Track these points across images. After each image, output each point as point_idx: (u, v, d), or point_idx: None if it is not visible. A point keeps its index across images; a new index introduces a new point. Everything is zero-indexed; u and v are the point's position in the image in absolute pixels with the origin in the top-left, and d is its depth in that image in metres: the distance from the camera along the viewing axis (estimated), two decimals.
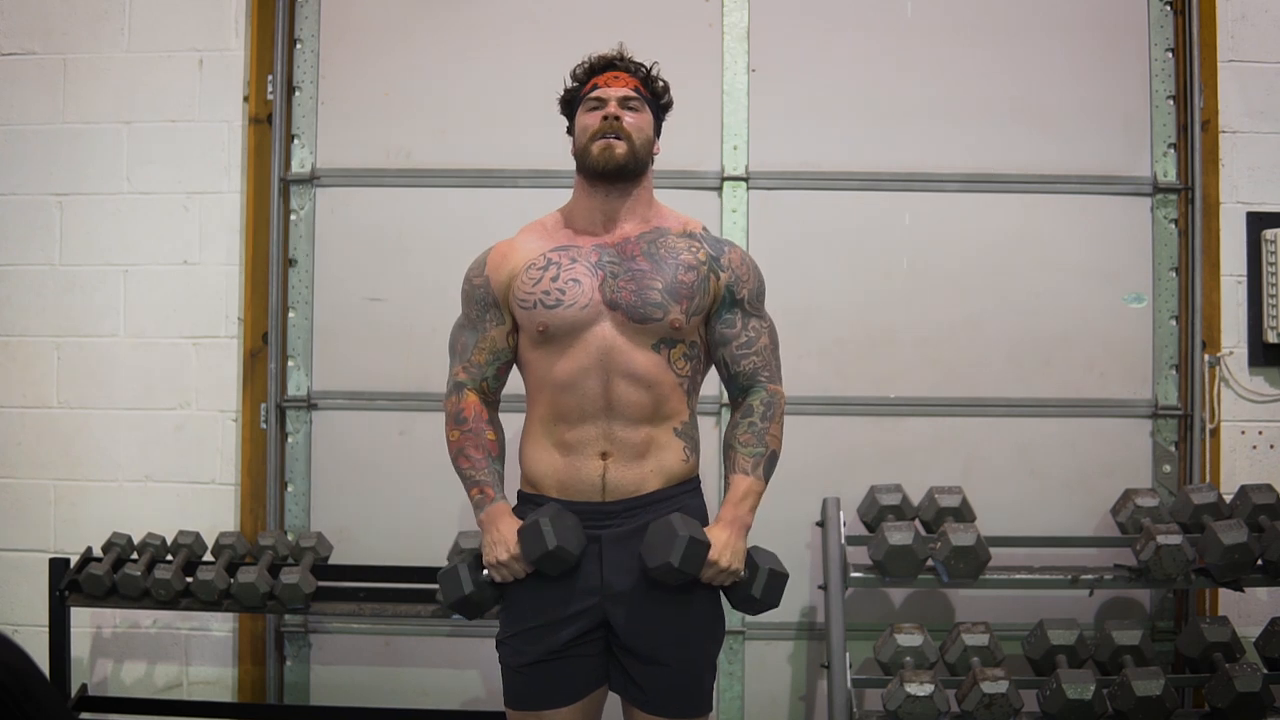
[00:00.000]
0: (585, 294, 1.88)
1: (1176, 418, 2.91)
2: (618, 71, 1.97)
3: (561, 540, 1.82)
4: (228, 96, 2.91)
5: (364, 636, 2.95)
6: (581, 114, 1.97)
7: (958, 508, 2.69)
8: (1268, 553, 2.50)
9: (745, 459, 1.94)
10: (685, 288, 1.90)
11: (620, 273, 1.90)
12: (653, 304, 1.88)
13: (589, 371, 1.87)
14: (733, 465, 1.95)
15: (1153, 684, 2.38)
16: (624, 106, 1.94)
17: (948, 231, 2.92)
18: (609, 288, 1.89)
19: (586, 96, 1.97)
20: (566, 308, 1.88)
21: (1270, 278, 2.83)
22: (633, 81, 1.97)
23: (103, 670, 2.95)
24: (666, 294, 1.88)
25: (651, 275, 1.90)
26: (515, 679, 1.91)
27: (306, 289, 2.98)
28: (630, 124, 1.92)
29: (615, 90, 1.94)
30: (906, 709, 2.40)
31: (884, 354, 2.92)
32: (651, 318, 1.87)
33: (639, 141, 1.93)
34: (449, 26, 2.98)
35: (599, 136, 1.91)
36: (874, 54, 2.94)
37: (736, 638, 2.88)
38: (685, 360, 1.93)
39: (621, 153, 1.90)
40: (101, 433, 2.93)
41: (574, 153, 1.98)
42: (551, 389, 1.90)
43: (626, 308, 1.88)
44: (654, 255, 1.92)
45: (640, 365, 1.88)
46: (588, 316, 1.88)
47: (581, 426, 1.88)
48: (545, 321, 1.89)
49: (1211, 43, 2.88)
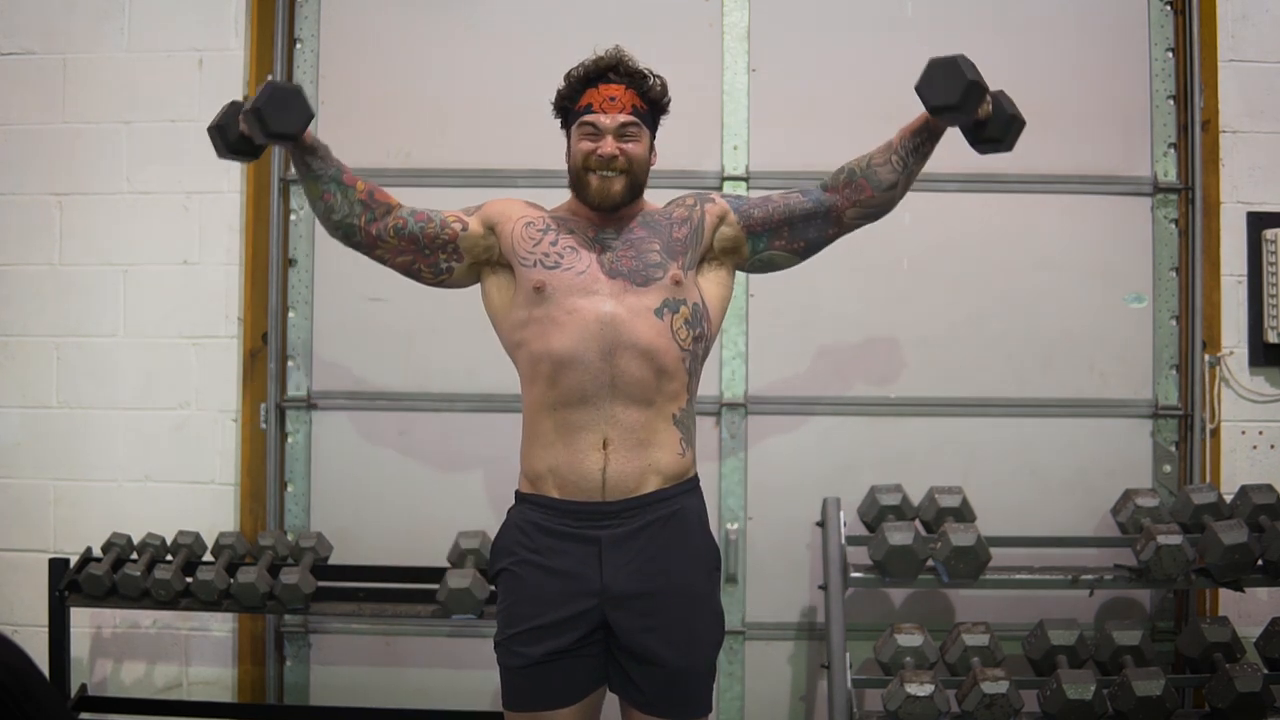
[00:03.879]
0: (583, 262, 1.92)
1: (1177, 418, 2.91)
2: (613, 87, 1.93)
3: (260, 102, 1.87)
4: (228, 96, 2.89)
5: (364, 636, 2.95)
6: (576, 136, 1.95)
7: (958, 508, 2.69)
8: (1268, 553, 2.50)
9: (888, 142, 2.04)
10: (680, 243, 1.95)
11: (619, 245, 1.93)
12: (653, 265, 1.91)
13: (589, 344, 1.86)
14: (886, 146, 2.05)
15: (1153, 684, 2.37)
16: (621, 137, 1.92)
17: (948, 231, 2.92)
18: (607, 260, 1.92)
19: (581, 118, 1.94)
20: (565, 270, 1.91)
21: (1270, 278, 2.83)
22: (629, 98, 1.93)
23: (103, 670, 2.95)
24: (664, 253, 1.93)
25: (649, 239, 1.94)
26: (514, 680, 1.91)
27: (306, 289, 2.98)
28: (628, 154, 1.92)
29: (611, 119, 1.91)
30: (907, 709, 2.40)
31: (884, 354, 2.92)
32: (653, 278, 1.90)
33: (637, 170, 1.94)
34: (449, 26, 2.98)
35: (595, 171, 1.92)
36: (874, 54, 2.94)
37: (736, 638, 2.88)
38: (687, 328, 1.92)
39: (619, 190, 1.93)
40: (101, 433, 2.93)
41: (568, 170, 1.98)
42: (550, 365, 1.88)
43: (628, 273, 1.90)
44: (650, 224, 1.97)
45: (643, 335, 1.88)
46: (585, 283, 1.90)
47: (582, 409, 1.87)
48: (544, 280, 1.90)
49: (1212, 42, 2.88)
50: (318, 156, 1.98)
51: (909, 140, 2.02)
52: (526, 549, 1.90)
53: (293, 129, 1.91)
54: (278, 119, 1.89)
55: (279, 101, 1.90)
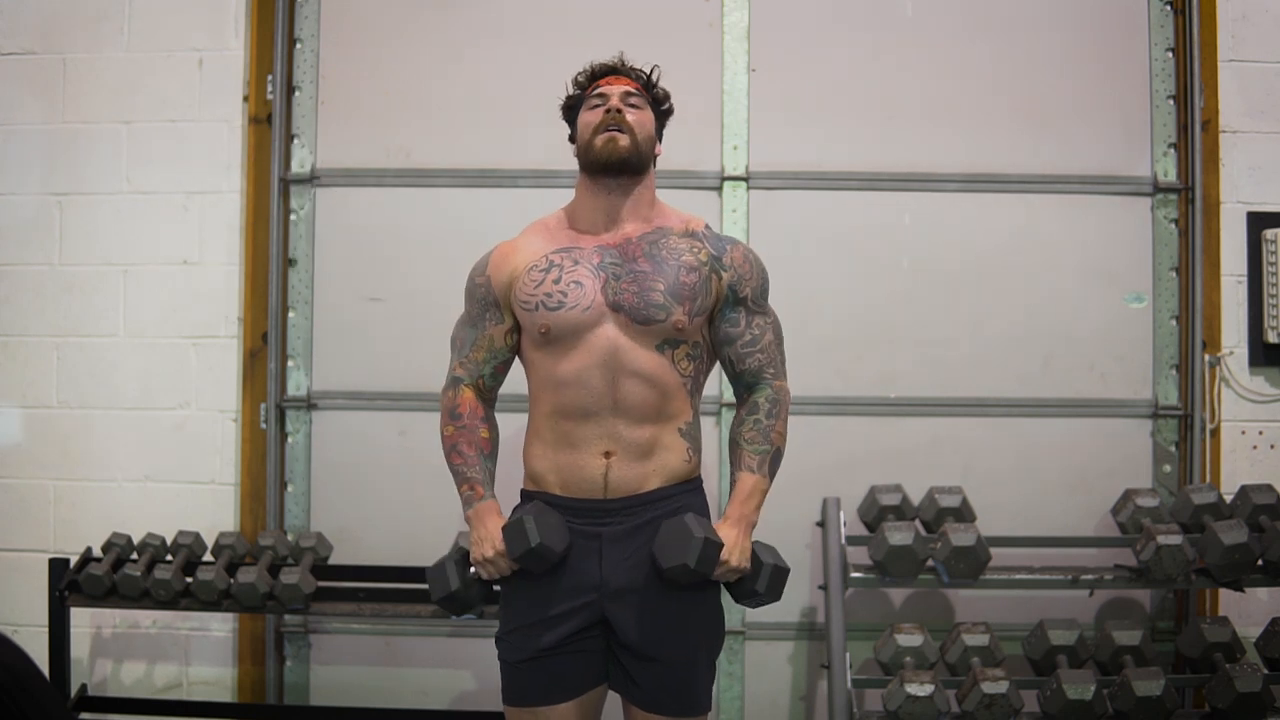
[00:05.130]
0: (588, 296, 1.89)
1: (1177, 418, 2.90)
2: (619, 78, 2.00)
3: (544, 538, 1.83)
4: (227, 96, 2.91)
5: (364, 636, 2.95)
6: (584, 112, 1.99)
7: (958, 508, 2.69)
8: (1268, 553, 2.50)
9: (751, 456, 1.95)
10: (687, 289, 1.90)
11: (623, 274, 1.90)
12: (655, 305, 1.88)
13: (593, 370, 1.87)
14: (739, 463, 1.95)
15: (1153, 684, 2.38)
16: (626, 103, 1.96)
17: (948, 231, 2.92)
18: (611, 289, 1.89)
19: (589, 96, 1.99)
20: (569, 309, 1.88)
21: (1270, 278, 2.83)
22: (634, 85, 2.00)
23: (102, 670, 2.94)
24: (669, 295, 1.89)
25: (653, 277, 1.90)
26: (513, 675, 1.92)
27: (306, 289, 2.98)
28: (633, 119, 1.95)
29: (617, 87, 1.97)
30: (907, 709, 2.40)
31: (884, 354, 2.92)
32: (654, 319, 1.88)
33: (641, 136, 1.94)
34: (449, 26, 2.98)
35: (602, 130, 1.92)
36: (874, 54, 2.94)
37: (737, 638, 2.88)
38: (689, 360, 1.93)
39: (625, 144, 1.92)
40: (101, 432, 2.93)
41: (577, 151, 1.99)
42: (555, 386, 1.90)
43: (629, 310, 1.88)
44: (655, 257, 1.92)
45: (645, 364, 1.88)
46: (590, 319, 1.88)
47: (586, 423, 1.88)
48: (547, 323, 1.89)
49: (1212, 42, 2.88)
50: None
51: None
52: None
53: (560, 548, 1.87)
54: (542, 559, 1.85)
55: (537, 558, 1.85)
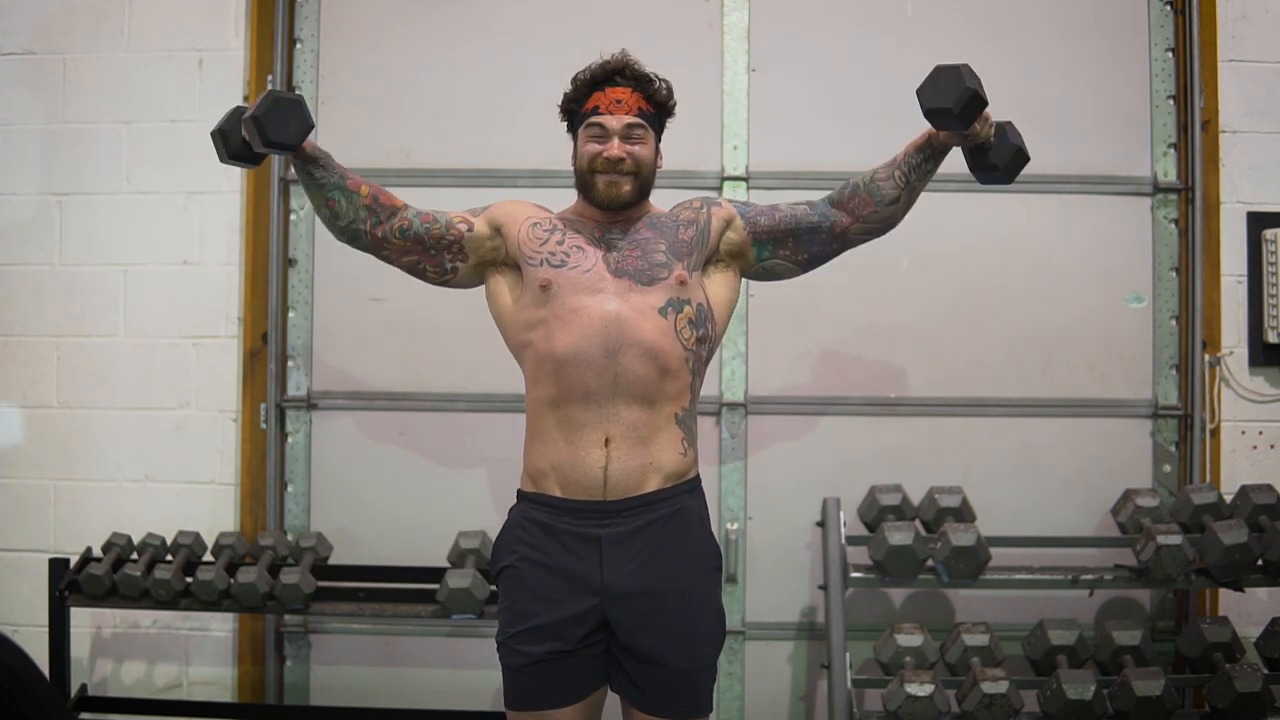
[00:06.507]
0: (589, 260, 1.93)
1: (1177, 418, 2.90)
2: (620, 89, 1.94)
3: (259, 111, 1.88)
4: (228, 96, 2.91)
5: (364, 636, 2.95)
6: (583, 138, 1.96)
7: (958, 508, 2.69)
8: (1268, 553, 2.50)
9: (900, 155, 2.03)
10: (685, 244, 1.97)
11: (624, 245, 1.95)
12: (658, 264, 1.93)
13: (593, 342, 1.87)
14: (905, 152, 2.03)
15: (1153, 684, 2.37)
16: (628, 139, 1.93)
17: (948, 231, 2.92)
18: (613, 259, 1.93)
19: (589, 119, 1.95)
20: (571, 269, 1.92)
21: (1270, 278, 2.83)
22: (635, 100, 1.94)
23: (102, 670, 2.94)
24: (670, 253, 1.94)
25: (655, 240, 1.96)
26: (516, 679, 1.91)
27: (306, 289, 2.98)
28: (636, 154, 1.94)
29: (618, 120, 1.93)
30: (907, 709, 2.40)
31: (884, 354, 2.92)
32: (658, 278, 1.92)
33: (645, 173, 1.96)
34: (449, 26, 2.98)
35: (603, 172, 1.93)
36: (874, 53, 2.94)
37: (736, 638, 2.88)
38: (691, 328, 1.93)
39: (628, 190, 1.94)
40: (101, 433, 2.93)
41: (575, 172, 1.99)
42: (554, 366, 1.89)
43: (634, 273, 1.91)
44: (656, 225, 1.99)
45: (647, 334, 1.88)
46: (590, 281, 1.91)
47: (585, 406, 1.88)
48: (549, 278, 1.91)
49: (1212, 42, 2.88)
50: (320, 165, 1.99)
51: (912, 156, 2.02)
52: (528, 547, 1.91)
53: (291, 140, 1.92)
54: (276, 129, 1.90)
55: (279, 112, 1.90)
